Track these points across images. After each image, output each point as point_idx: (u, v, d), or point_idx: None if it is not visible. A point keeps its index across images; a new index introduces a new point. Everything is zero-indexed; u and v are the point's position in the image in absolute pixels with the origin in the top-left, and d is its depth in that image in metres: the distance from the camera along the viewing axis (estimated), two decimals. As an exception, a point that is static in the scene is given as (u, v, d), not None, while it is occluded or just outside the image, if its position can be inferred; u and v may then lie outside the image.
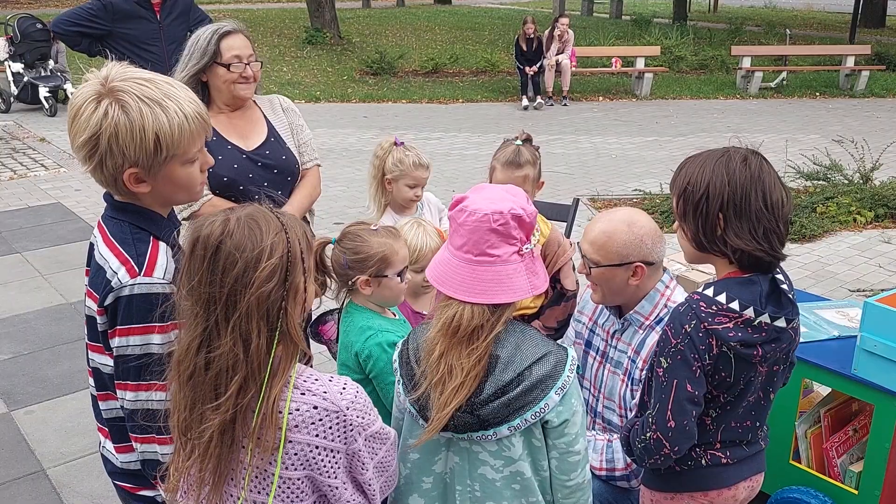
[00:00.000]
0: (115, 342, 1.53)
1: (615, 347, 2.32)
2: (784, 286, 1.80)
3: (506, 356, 1.62)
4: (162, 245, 1.59)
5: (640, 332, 2.24)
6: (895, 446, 2.56)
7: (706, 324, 1.74)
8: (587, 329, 2.44)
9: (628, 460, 2.12)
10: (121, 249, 1.55)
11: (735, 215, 1.74)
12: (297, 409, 1.43)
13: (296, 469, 1.46)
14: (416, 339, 1.73)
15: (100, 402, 1.68)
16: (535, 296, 1.70)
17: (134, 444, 1.60)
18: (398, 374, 1.75)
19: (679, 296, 2.24)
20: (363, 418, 1.50)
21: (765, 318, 1.75)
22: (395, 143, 3.04)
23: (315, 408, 1.44)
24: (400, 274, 2.16)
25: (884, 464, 2.58)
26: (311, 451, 1.45)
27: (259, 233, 1.39)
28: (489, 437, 1.63)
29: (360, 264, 2.10)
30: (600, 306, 2.41)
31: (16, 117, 10.42)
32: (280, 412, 1.42)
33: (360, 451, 1.51)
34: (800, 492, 2.76)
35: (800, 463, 2.84)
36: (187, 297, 1.41)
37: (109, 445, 1.71)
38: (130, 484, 1.69)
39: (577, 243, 2.31)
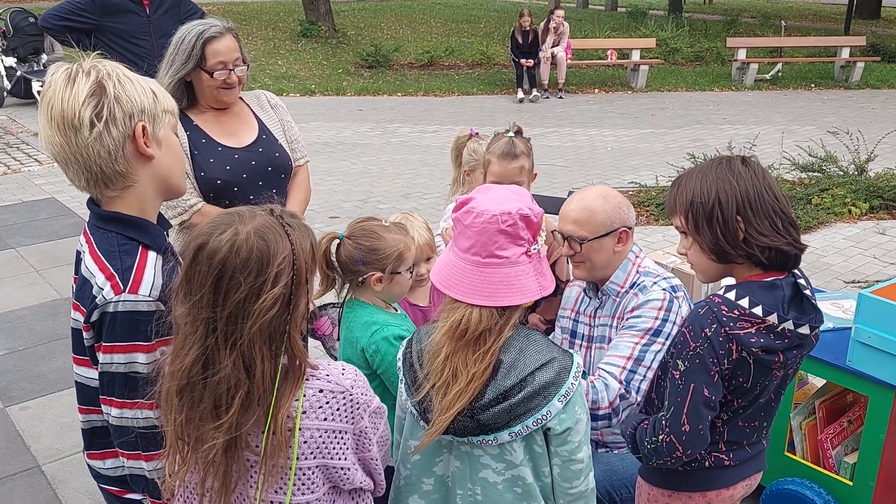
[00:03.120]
0: (101, 358, 1.49)
1: (597, 325, 2.38)
2: (807, 291, 1.77)
3: (509, 361, 1.59)
4: (150, 256, 1.52)
5: (617, 299, 2.32)
6: (889, 437, 2.57)
7: (727, 328, 1.70)
8: (571, 321, 2.49)
9: (611, 399, 2.12)
10: (107, 264, 1.49)
11: (754, 215, 1.72)
12: (304, 395, 1.41)
13: (306, 458, 1.44)
14: (420, 341, 1.71)
15: (79, 414, 1.64)
16: None
17: (121, 458, 1.57)
18: (401, 373, 1.73)
19: (647, 262, 2.35)
20: (366, 395, 1.50)
21: (788, 325, 1.72)
22: (471, 135, 2.94)
23: (321, 391, 1.43)
24: (410, 269, 2.17)
25: (878, 455, 2.58)
26: (320, 435, 1.43)
27: (267, 254, 1.34)
28: (490, 442, 1.61)
29: (377, 261, 2.09)
30: (581, 297, 2.46)
31: (9, 112, 10.38)
32: (291, 418, 1.39)
33: (366, 428, 1.51)
34: (795, 483, 2.77)
35: (795, 454, 2.84)
36: (186, 313, 1.35)
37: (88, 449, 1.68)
38: (116, 487, 1.66)
39: (553, 232, 2.33)
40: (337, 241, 2.11)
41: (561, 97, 12.24)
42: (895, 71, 14.49)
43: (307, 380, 1.43)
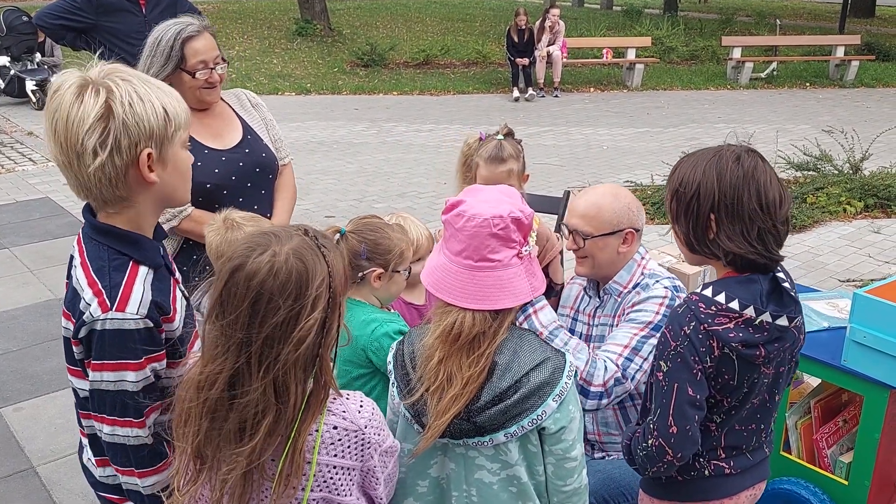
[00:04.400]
0: (90, 375, 1.48)
1: (597, 325, 2.36)
2: (785, 284, 1.75)
3: (504, 362, 1.59)
4: (141, 272, 1.49)
5: (618, 299, 2.29)
6: (884, 437, 2.57)
7: (706, 325, 1.68)
8: (570, 319, 2.47)
9: (606, 378, 2.07)
10: (95, 279, 1.47)
11: (727, 217, 1.68)
12: (317, 431, 1.40)
13: (312, 491, 1.43)
14: (412, 343, 1.69)
15: (81, 419, 1.63)
16: None
17: (115, 474, 1.56)
18: (392, 376, 1.71)
19: (653, 265, 2.32)
20: (379, 435, 1.48)
21: (766, 318, 1.69)
22: (481, 138, 2.96)
23: (335, 428, 1.41)
24: (408, 269, 2.18)
25: (873, 454, 2.59)
26: (329, 471, 1.42)
27: (306, 277, 1.32)
28: (486, 444, 1.60)
29: (380, 257, 2.09)
30: (580, 296, 2.44)
31: (3, 111, 10.35)
32: (310, 446, 1.38)
33: (374, 467, 1.49)
34: (790, 483, 2.77)
35: (790, 454, 2.85)
36: (219, 333, 1.33)
37: (90, 453, 1.66)
38: (114, 495, 1.64)
39: (563, 226, 2.32)
40: (339, 235, 2.10)
41: (556, 96, 12.25)
42: (890, 69, 14.54)
43: (323, 414, 1.41)
